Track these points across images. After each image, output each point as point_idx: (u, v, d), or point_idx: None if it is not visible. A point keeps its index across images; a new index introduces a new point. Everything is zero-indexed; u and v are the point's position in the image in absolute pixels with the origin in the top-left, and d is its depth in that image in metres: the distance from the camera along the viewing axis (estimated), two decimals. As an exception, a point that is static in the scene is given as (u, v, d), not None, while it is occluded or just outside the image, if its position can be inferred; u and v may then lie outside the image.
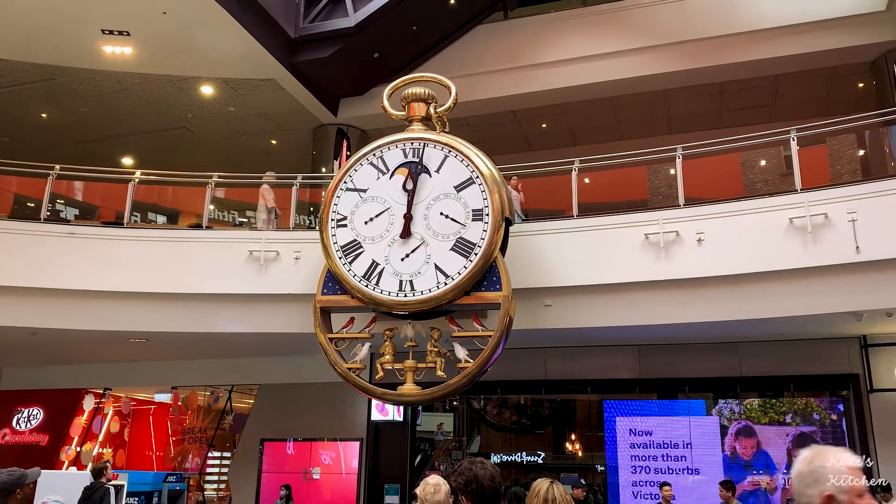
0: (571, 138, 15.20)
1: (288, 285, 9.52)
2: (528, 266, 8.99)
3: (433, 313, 8.53)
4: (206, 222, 10.45)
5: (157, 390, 15.30)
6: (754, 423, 10.87)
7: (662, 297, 8.82)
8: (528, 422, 14.17)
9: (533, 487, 3.63)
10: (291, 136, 15.21)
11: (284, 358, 12.48)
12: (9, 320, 9.71)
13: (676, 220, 8.81)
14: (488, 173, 8.54)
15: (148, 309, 9.76)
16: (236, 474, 13.20)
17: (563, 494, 3.60)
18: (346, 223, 8.76)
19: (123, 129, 15.05)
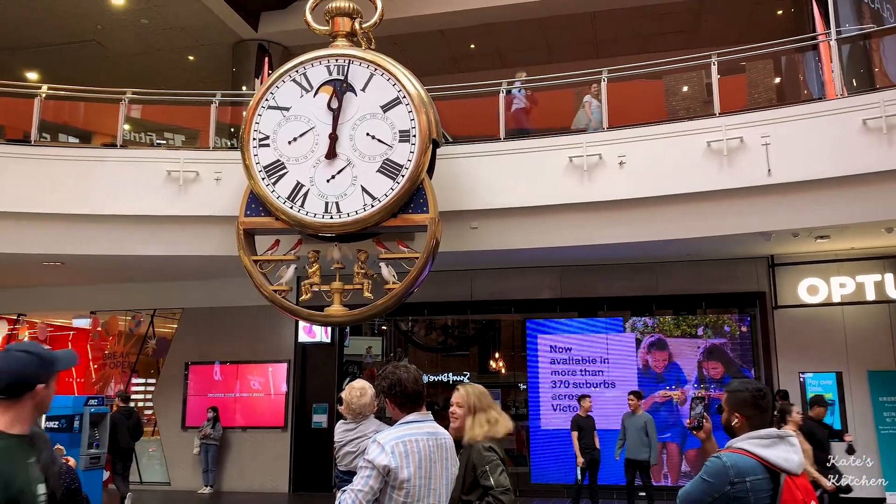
0: (500, 60, 15.07)
1: (209, 207, 9.28)
2: (456, 188, 9.02)
3: (360, 235, 8.51)
4: (120, 141, 9.99)
5: (75, 315, 14.88)
6: (667, 336, 11.41)
7: (585, 219, 9.03)
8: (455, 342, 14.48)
9: None
10: (210, 51, 14.52)
11: (208, 281, 12.29)
12: None
13: (600, 144, 8.95)
14: (416, 93, 8.41)
15: (61, 231, 9.39)
16: (161, 398, 13.12)
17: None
18: (268, 143, 8.54)
19: (26, 40, 14.04)
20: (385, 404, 3.20)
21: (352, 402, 4.88)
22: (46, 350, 2.32)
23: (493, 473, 3.34)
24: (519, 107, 10.03)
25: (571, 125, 9.86)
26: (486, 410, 3.59)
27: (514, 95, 10.01)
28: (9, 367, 2.22)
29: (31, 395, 2.23)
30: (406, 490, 2.88)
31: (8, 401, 2.19)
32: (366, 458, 2.90)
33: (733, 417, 2.84)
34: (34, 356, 2.26)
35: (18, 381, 2.21)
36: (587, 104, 9.77)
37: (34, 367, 2.24)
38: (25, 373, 2.22)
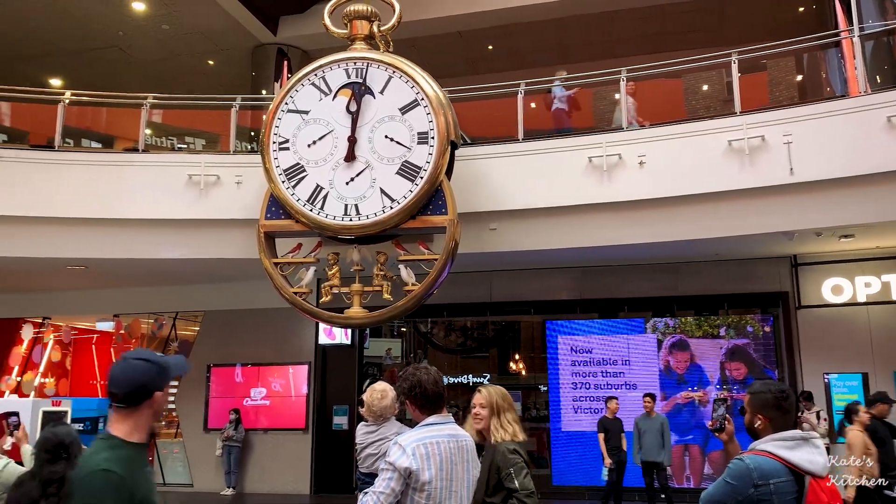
0: (517, 61, 15.03)
1: (230, 210, 9.36)
2: (474, 190, 9.01)
3: (379, 237, 8.53)
4: (142, 146, 10.10)
5: (98, 318, 15.05)
6: (689, 336, 11.32)
7: (605, 219, 8.99)
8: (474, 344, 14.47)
9: None
10: (230, 56, 14.63)
11: (229, 284, 12.38)
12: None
13: (619, 144, 8.91)
14: (434, 95, 8.42)
15: (85, 235, 9.50)
16: (183, 401, 13.23)
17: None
18: (288, 146, 8.59)
19: (50, 47, 14.23)
20: (406, 406, 3.21)
21: (373, 405, 4.90)
22: (162, 357, 2.31)
23: (517, 476, 3.34)
24: (560, 107, 9.91)
25: (612, 123, 9.70)
26: (509, 411, 3.61)
27: (554, 95, 9.91)
28: (127, 375, 2.20)
29: (149, 403, 2.21)
30: (427, 492, 2.88)
31: (127, 409, 2.19)
32: (387, 461, 2.91)
33: (756, 419, 2.81)
34: (152, 364, 2.24)
35: (137, 389, 2.19)
36: (623, 102, 9.65)
37: (152, 374, 2.22)
38: (144, 381, 2.20)
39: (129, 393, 2.18)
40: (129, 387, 2.19)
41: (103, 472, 2.06)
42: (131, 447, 2.16)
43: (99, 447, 2.14)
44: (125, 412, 2.19)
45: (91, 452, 2.16)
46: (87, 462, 2.12)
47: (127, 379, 2.19)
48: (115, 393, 2.20)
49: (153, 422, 2.28)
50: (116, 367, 2.23)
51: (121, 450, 2.13)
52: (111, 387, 2.22)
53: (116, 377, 2.20)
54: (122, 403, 2.18)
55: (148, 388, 2.21)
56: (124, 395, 2.18)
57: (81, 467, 2.12)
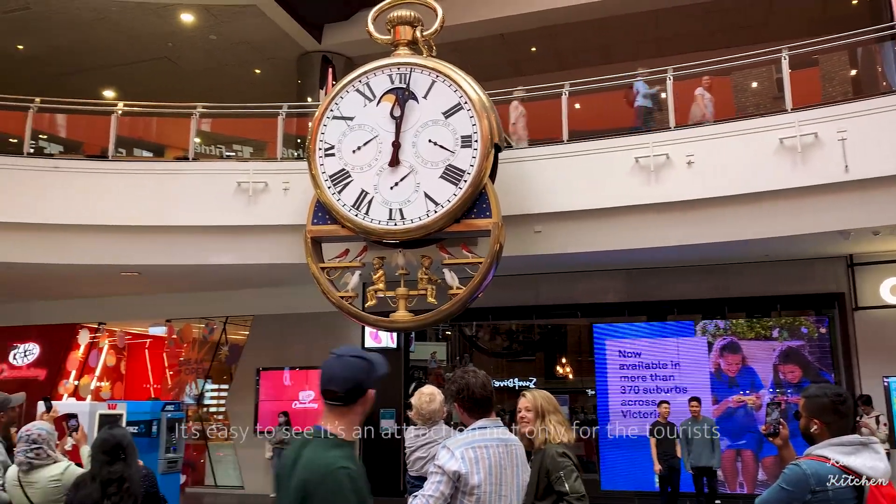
0: (561, 62, 14.95)
1: (278, 216, 9.49)
2: (519, 192, 8.98)
3: (424, 241, 8.55)
4: (192, 154, 10.32)
5: (151, 324, 15.45)
6: (740, 338, 11.06)
7: (652, 220, 8.86)
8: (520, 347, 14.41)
9: None
10: (276, 64, 14.89)
11: (277, 288, 12.55)
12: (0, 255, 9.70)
13: (667, 143, 8.77)
14: (477, 98, 8.42)
15: (138, 242, 9.74)
16: (234, 404, 13.46)
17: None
18: (333, 152, 8.68)
19: (103, 60, 14.68)
20: (454, 409, 3.20)
21: (421, 408, 4.90)
22: (373, 354, 2.28)
23: (567, 479, 3.32)
24: (642, 104, 9.74)
25: (689, 120, 9.45)
26: (555, 413, 3.59)
27: (636, 90, 9.75)
28: (346, 373, 2.18)
29: (362, 401, 2.19)
30: (477, 496, 2.86)
31: (344, 407, 2.18)
32: (436, 464, 2.90)
33: (812, 424, 2.74)
34: (365, 361, 2.22)
35: (355, 386, 2.17)
36: (699, 97, 9.46)
37: (366, 372, 2.20)
38: (360, 378, 2.18)
39: (348, 390, 2.16)
40: (348, 384, 2.17)
41: (342, 469, 2.05)
42: (349, 445, 2.15)
43: (324, 445, 2.12)
44: (341, 410, 2.17)
45: (318, 451, 2.12)
46: (319, 461, 2.08)
47: (346, 377, 2.17)
48: (333, 391, 2.18)
49: (362, 419, 2.25)
50: (334, 365, 2.21)
51: (345, 447, 2.13)
52: (329, 384, 2.19)
53: (335, 375, 2.18)
54: (339, 401, 2.16)
55: (363, 385, 2.19)
56: (344, 392, 2.16)
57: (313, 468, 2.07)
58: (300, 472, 2.10)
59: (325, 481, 2.03)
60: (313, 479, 2.04)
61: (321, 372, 2.23)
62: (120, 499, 3.30)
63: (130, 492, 3.35)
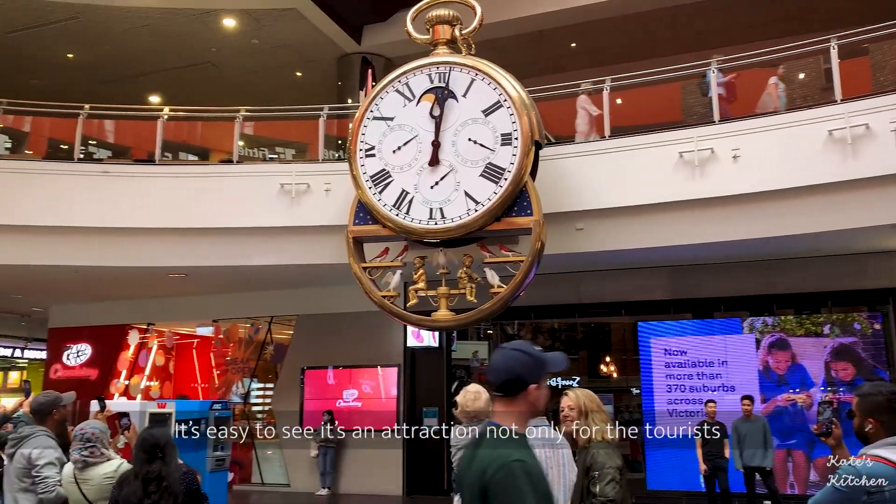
0: (601, 58, 14.79)
1: (320, 217, 9.59)
2: (560, 190, 8.91)
3: (464, 240, 8.54)
4: (236, 157, 10.49)
5: (198, 324, 15.74)
6: (789, 335, 10.80)
7: (698, 216, 8.72)
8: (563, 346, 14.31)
9: None
10: (316, 67, 15.04)
11: (320, 288, 12.68)
12: (51, 259, 10.01)
13: (711, 137, 8.62)
14: (517, 96, 8.38)
15: (185, 244, 9.95)
16: (280, 402, 13.64)
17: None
18: (374, 153, 8.73)
19: (149, 66, 15.02)
20: None
21: (466, 406, 4.88)
22: (539, 351, 2.33)
23: (600, 481, 3.34)
24: (717, 93, 9.40)
25: (756, 110, 9.28)
26: (598, 412, 3.60)
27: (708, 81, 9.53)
28: (505, 365, 2.26)
29: (524, 395, 2.24)
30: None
31: (505, 398, 2.25)
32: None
33: (867, 423, 2.66)
34: (528, 356, 2.27)
35: (513, 379, 2.23)
36: (772, 86, 9.22)
37: (528, 367, 2.25)
38: (520, 372, 2.23)
39: (504, 382, 2.23)
40: (505, 376, 2.23)
41: (518, 462, 2.08)
42: (522, 438, 2.20)
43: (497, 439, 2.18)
44: (505, 402, 2.24)
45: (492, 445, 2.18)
46: (493, 455, 2.13)
47: (503, 368, 2.24)
48: (492, 382, 2.26)
49: (531, 415, 2.29)
50: (496, 357, 2.30)
51: (518, 440, 2.19)
52: (489, 375, 2.28)
53: (495, 366, 2.27)
54: (498, 392, 2.25)
55: (523, 379, 2.23)
56: (500, 383, 2.23)
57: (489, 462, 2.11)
58: (477, 467, 2.14)
59: (501, 474, 2.06)
60: (489, 472, 2.08)
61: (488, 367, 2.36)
62: (160, 497, 3.40)
63: (170, 490, 3.44)
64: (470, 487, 2.14)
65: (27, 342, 23.57)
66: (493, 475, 2.06)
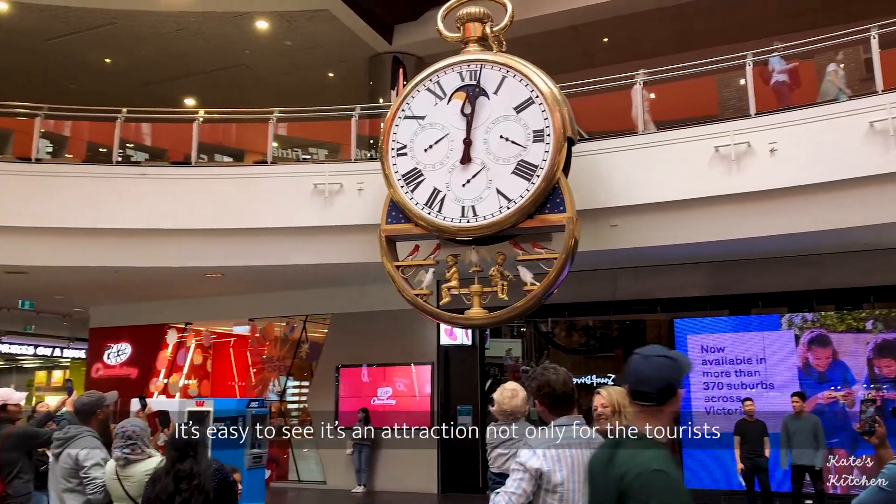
0: (635, 52, 14.63)
1: (353, 216, 9.64)
2: (594, 186, 8.84)
3: (497, 238, 8.51)
4: (270, 158, 10.60)
5: (235, 323, 15.94)
6: (829, 331, 10.57)
7: (734, 211, 8.58)
8: (598, 344, 14.19)
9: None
10: (348, 67, 15.13)
11: (354, 287, 12.76)
12: (91, 260, 10.22)
13: (748, 131, 8.47)
14: (548, 92, 8.33)
15: (220, 244, 10.08)
16: (315, 400, 13.76)
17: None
18: (405, 151, 8.75)
19: (184, 69, 15.25)
20: (536, 406, 3.20)
21: (503, 403, 4.88)
22: (679, 354, 2.30)
23: None
24: (780, 80, 9.26)
25: (818, 98, 9.01)
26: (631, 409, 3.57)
27: (772, 67, 9.31)
28: (658, 373, 2.17)
29: (672, 401, 2.18)
30: (560, 494, 2.85)
31: (656, 408, 2.17)
32: (517, 461, 2.91)
33: (913, 421, 2.59)
34: (674, 361, 2.21)
35: (666, 386, 2.16)
36: (832, 73, 8.96)
37: (675, 372, 2.19)
38: (671, 378, 2.18)
39: (660, 390, 2.16)
40: (660, 384, 2.16)
41: (658, 472, 2.05)
42: (663, 447, 2.14)
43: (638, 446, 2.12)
44: (652, 411, 2.17)
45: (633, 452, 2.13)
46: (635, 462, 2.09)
47: (656, 377, 2.16)
48: (646, 392, 2.17)
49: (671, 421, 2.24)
50: (644, 366, 2.20)
51: (661, 449, 2.13)
52: (641, 386, 2.18)
53: (647, 375, 2.17)
54: (652, 402, 2.16)
55: (673, 385, 2.18)
56: (657, 393, 2.16)
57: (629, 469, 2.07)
58: (616, 473, 2.10)
59: (640, 481, 2.03)
60: (628, 477, 2.05)
61: (627, 373, 2.22)
62: (191, 494, 3.45)
63: (201, 487, 3.49)
64: (604, 489, 2.11)
65: (69, 342, 24.11)
66: (632, 481, 2.03)
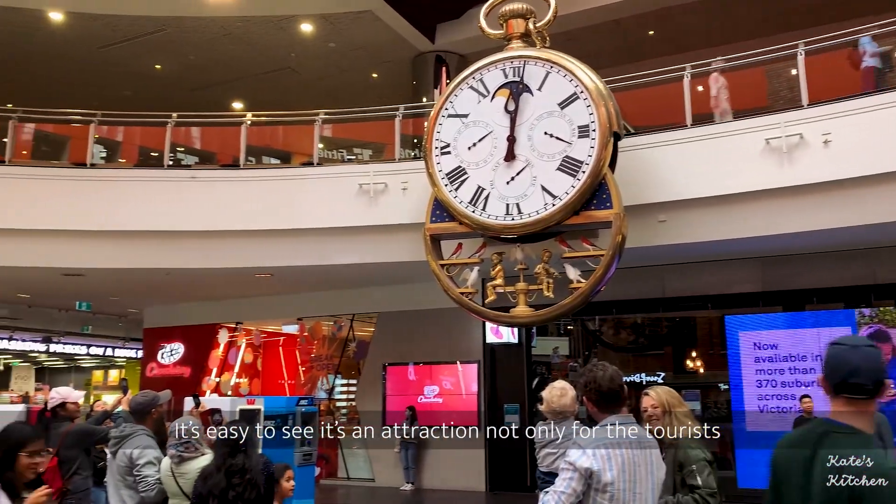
0: (681, 44, 14.38)
1: (397, 215, 9.68)
2: (641, 181, 8.71)
3: (542, 235, 8.45)
4: (316, 159, 10.72)
5: (284, 322, 16.17)
6: (888, 327, 10.22)
7: (786, 204, 8.36)
8: (646, 342, 14.01)
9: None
10: (391, 67, 15.20)
11: (400, 286, 12.81)
12: (143, 262, 10.49)
13: (800, 122, 8.25)
14: (593, 87, 8.23)
15: (269, 245, 10.24)
16: (363, 398, 13.87)
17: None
18: (449, 150, 8.74)
19: (231, 74, 15.52)
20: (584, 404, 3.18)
21: (552, 402, 4.85)
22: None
23: (700, 473, 3.34)
24: (870, 65, 8.87)
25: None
26: (680, 408, 3.63)
27: (863, 50, 8.91)
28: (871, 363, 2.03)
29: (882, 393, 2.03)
30: (610, 493, 2.81)
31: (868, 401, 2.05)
32: (567, 461, 2.88)
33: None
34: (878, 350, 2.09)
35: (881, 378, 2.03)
36: None
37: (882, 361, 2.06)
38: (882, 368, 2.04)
39: (875, 382, 2.02)
40: (875, 375, 2.02)
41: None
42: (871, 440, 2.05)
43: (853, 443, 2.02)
44: (863, 404, 2.04)
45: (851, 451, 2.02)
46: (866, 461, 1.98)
47: (873, 367, 2.03)
48: (860, 384, 2.02)
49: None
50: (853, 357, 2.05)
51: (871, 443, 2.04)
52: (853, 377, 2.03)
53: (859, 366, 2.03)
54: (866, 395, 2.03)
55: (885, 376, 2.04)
56: (873, 385, 2.02)
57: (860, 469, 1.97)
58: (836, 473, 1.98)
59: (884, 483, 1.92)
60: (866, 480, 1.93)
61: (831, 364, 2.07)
62: (244, 489, 3.50)
63: (253, 481, 3.54)
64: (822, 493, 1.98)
65: (124, 342, 24.78)
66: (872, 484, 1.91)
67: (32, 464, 2.87)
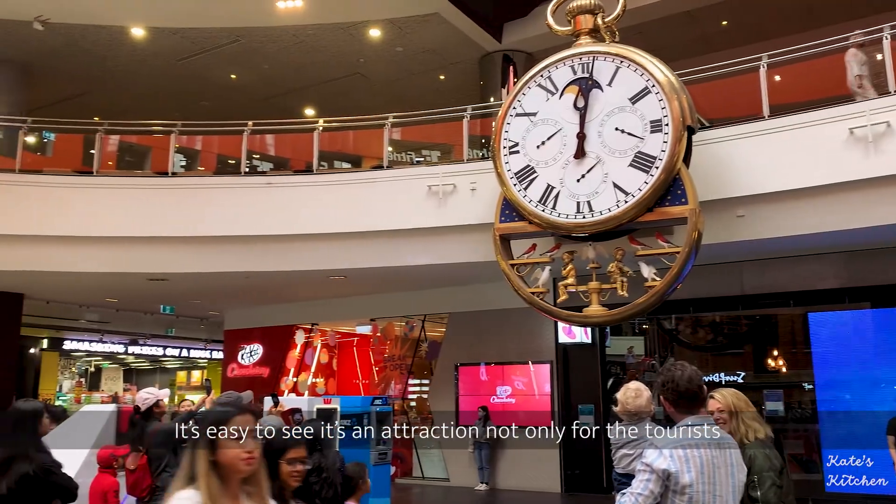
0: (756, 34, 13.91)
1: (467, 216, 9.71)
2: (716, 176, 8.47)
3: (614, 233, 8.32)
4: (386, 162, 10.85)
5: (358, 323, 16.44)
6: None
7: (873, 195, 7.98)
8: (725, 340, 13.61)
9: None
10: (459, 69, 15.26)
11: (471, 286, 12.84)
12: (223, 266, 10.84)
13: (887, 110, 7.86)
14: (665, 80, 8.06)
15: (342, 248, 10.44)
16: (435, 398, 13.95)
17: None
18: (517, 149, 8.70)
19: (303, 81, 15.88)
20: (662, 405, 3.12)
21: (627, 403, 4.78)
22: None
23: (761, 486, 3.33)
24: None
25: None
26: (747, 410, 3.61)
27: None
28: None
29: None
30: (689, 495, 2.75)
31: None
32: (644, 462, 2.84)
33: None
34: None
35: None
36: None
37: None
38: None
39: None
40: None
41: None
42: None
43: None
44: None
45: None
46: None
47: None
48: None
49: None
50: None
51: None
52: None
53: None
54: None
55: None
56: None
57: None
58: None
59: None
60: None
61: None
62: (321, 487, 3.57)
63: (330, 480, 3.61)
64: None
65: (206, 343, 25.62)
66: None
67: (294, 471, 2.83)
